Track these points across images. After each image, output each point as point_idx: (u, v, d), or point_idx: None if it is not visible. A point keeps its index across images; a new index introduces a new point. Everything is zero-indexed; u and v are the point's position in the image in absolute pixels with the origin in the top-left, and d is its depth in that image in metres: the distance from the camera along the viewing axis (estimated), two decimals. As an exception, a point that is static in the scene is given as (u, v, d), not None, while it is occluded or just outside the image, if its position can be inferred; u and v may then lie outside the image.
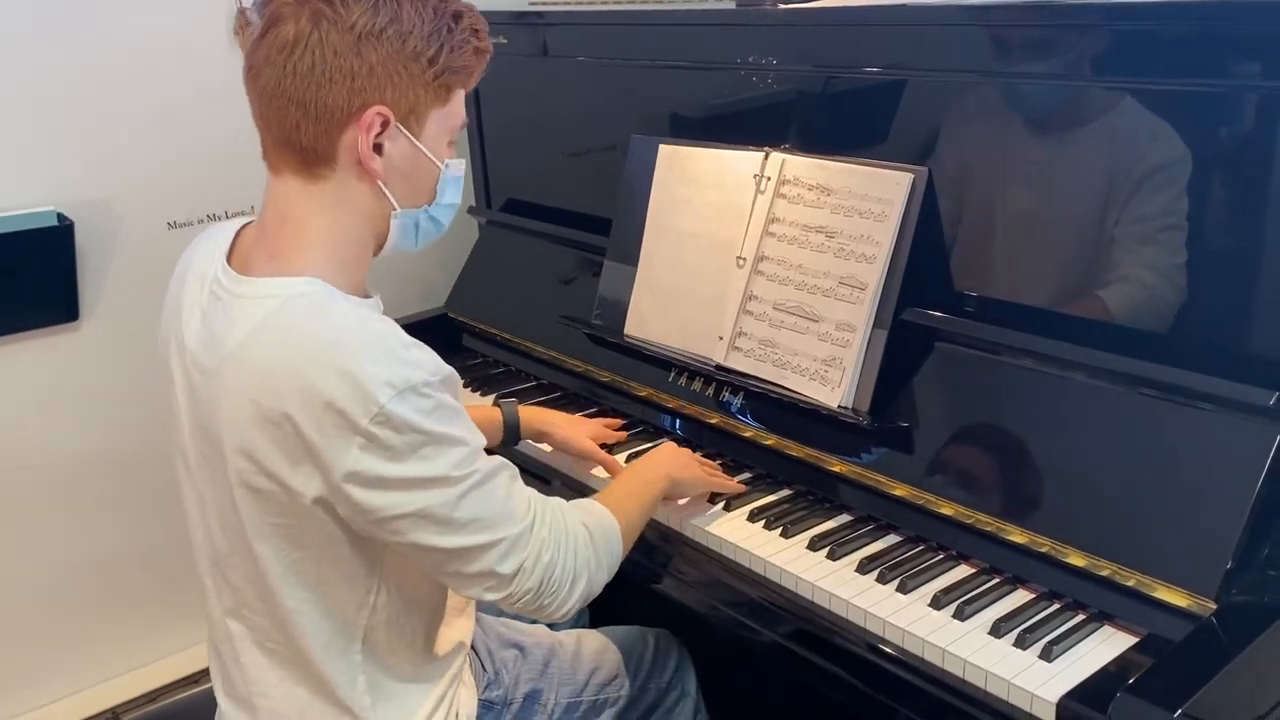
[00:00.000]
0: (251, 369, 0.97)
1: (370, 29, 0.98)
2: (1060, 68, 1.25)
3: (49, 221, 1.79)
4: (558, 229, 1.93)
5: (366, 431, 0.94)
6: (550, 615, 1.10)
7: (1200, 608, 1.05)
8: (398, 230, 1.08)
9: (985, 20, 1.32)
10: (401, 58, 1.00)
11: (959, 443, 1.30)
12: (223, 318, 1.02)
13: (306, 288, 1.00)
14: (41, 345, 1.87)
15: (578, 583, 1.10)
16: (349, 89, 0.98)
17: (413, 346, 0.99)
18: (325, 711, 1.10)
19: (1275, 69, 1.07)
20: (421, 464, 0.97)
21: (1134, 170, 1.19)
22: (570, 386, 1.79)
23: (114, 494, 2.00)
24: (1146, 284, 1.21)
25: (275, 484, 0.99)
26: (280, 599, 1.04)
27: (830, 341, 1.39)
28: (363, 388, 0.94)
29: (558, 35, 1.92)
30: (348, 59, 0.98)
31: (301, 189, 1.03)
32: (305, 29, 0.98)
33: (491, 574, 1.03)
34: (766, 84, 1.57)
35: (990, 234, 1.34)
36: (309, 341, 0.96)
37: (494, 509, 1.02)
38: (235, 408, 0.98)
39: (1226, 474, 1.09)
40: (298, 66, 0.98)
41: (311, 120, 0.99)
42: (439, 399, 0.98)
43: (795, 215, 1.46)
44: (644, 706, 1.41)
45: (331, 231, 1.03)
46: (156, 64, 1.89)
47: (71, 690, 2.05)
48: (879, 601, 1.19)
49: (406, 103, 1.02)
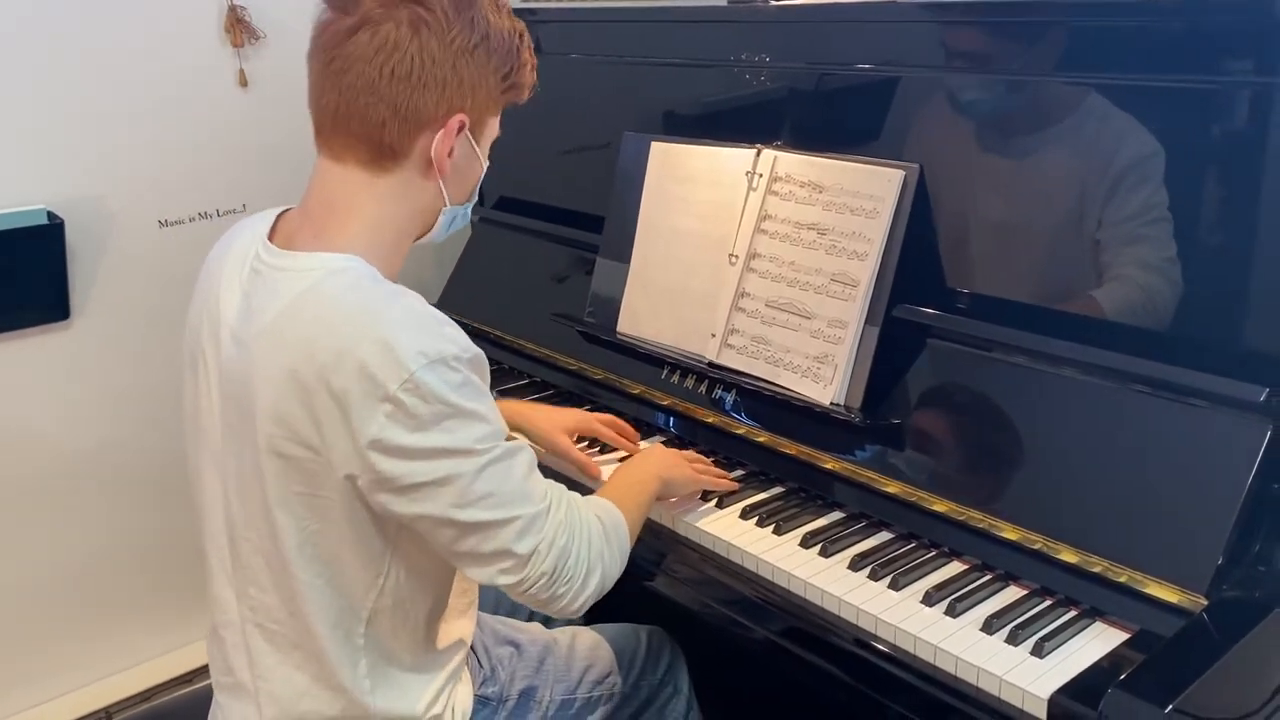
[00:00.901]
0: (291, 335, 1.01)
1: (466, 45, 1.05)
2: (1050, 63, 1.25)
3: (39, 220, 1.79)
4: (551, 226, 1.92)
5: (394, 398, 0.97)
6: (564, 608, 1.10)
7: (1192, 604, 1.06)
8: (441, 223, 1.14)
9: (977, 16, 1.32)
10: (486, 72, 1.08)
11: (951, 440, 1.30)
12: (264, 291, 1.06)
13: (348, 263, 1.04)
14: (32, 344, 1.86)
15: (592, 574, 1.11)
16: (440, 96, 1.05)
17: (447, 323, 1.03)
18: (322, 696, 1.11)
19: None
20: (445, 435, 0.99)
21: (1120, 167, 1.19)
22: (564, 384, 1.79)
23: (107, 493, 2.00)
24: (1138, 280, 1.21)
25: (305, 449, 1.01)
26: (294, 571, 1.06)
27: (822, 338, 1.39)
28: (395, 354, 0.97)
29: (550, 33, 1.92)
30: (444, 69, 1.04)
31: (364, 179, 1.07)
32: (405, 35, 1.02)
33: (507, 553, 1.04)
34: (759, 81, 1.57)
35: (982, 230, 1.34)
36: (346, 309, 1.00)
37: (512, 486, 1.04)
38: (271, 374, 1.01)
39: (1217, 470, 1.09)
40: (395, 70, 1.02)
41: (399, 120, 1.04)
42: (467, 375, 1.01)
43: (787, 212, 1.46)
44: (637, 703, 1.41)
45: (381, 220, 1.08)
46: (147, 62, 1.89)
47: (65, 690, 2.04)
48: (871, 598, 1.19)
49: (478, 111, 1.09)
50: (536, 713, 1.30)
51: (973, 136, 1.34)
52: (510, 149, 2.08)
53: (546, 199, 2.00)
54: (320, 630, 1.08)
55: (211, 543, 1.15)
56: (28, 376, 1.87)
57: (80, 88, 1.83)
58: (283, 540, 1.05)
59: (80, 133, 1.84)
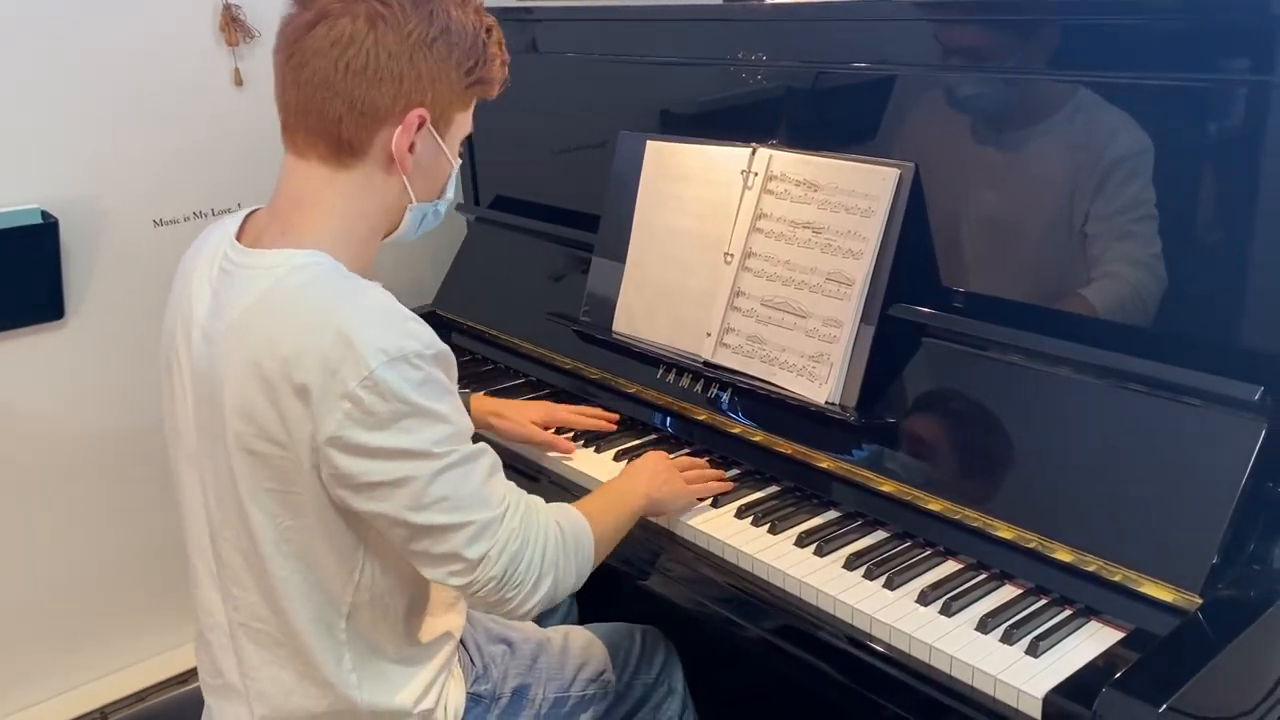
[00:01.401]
0: (254, 331, 1.01)
1: (424, 38, 1.04)
2: (1044, 63, 1.25)
3: (33, 219, 1.78)
4: (546, 226, 1.92)
5: (353, 395, 0.96)
6: (512, 611, 1.10)
7: (1186, 603, 1.05)
8: (409, 220, 1.13)
9: (971, 14, 1.32)
10: (447, 66, 1.06)
11: (946, 438, 1.30)
12: (232, 289, 1.05)
13: (312, 259, 1.04)
14: (26, 344, 1.86)
15: (543, 580, 1.10)
16: (397, 90, 1.04)
17: (410, 319, 1.02)
18: (310, 692, 1.11)
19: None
20: (403, 435, 0.99)
21: (1111, 162, 1.19)
22: (559, 384, 1.79)
23: (102, 493, 1.99)
24: (1132, 279, 1.21)
25: (273, 445, 1.01)
26: (270, 568, 1.06)
27: (817, 337, 1.39)
28: (356, 350, 0.96)
29: (546, 31, 1.92)
30: (400, 63, 1.03)
31: (326, 175, 1.07)
32: (362, 28, 1.02)
33: (457, 557, 1.04)
34: (754, 80, 1.56)
35: (977, 229, 1.34)
36: (310, 304, 1.00)
37: (467, 491, 1.03)
38: (237, 370, 1.01)
39: (1212, 469, 1.09)
40: (351, 63, 1.02)
41: (356, 115, 1.04)
42: (430, 373, 1.00)
43: (782, 211, 1.45)
44: (631, 702, 1.41)
45: (347, 216, 1.07)
46: (142, 61, 1.88)
47: (60, 690, 2.04)
48: (866, 597, 1.19)
49: (440, 106, 1.08)
50: (529, 711, 1.30)
51: (968, 135, 1.34)
52: (506, 148, 2.09)
53: (542, 198, 2.00)
54: (301, 626, 1.08)
55: (194, 545, 1.15)
56: (22, 376, 1.87)
57: (75, 86, 1.82)
58: (258, 537, 1.05)
59: (75, 132, 1.84)
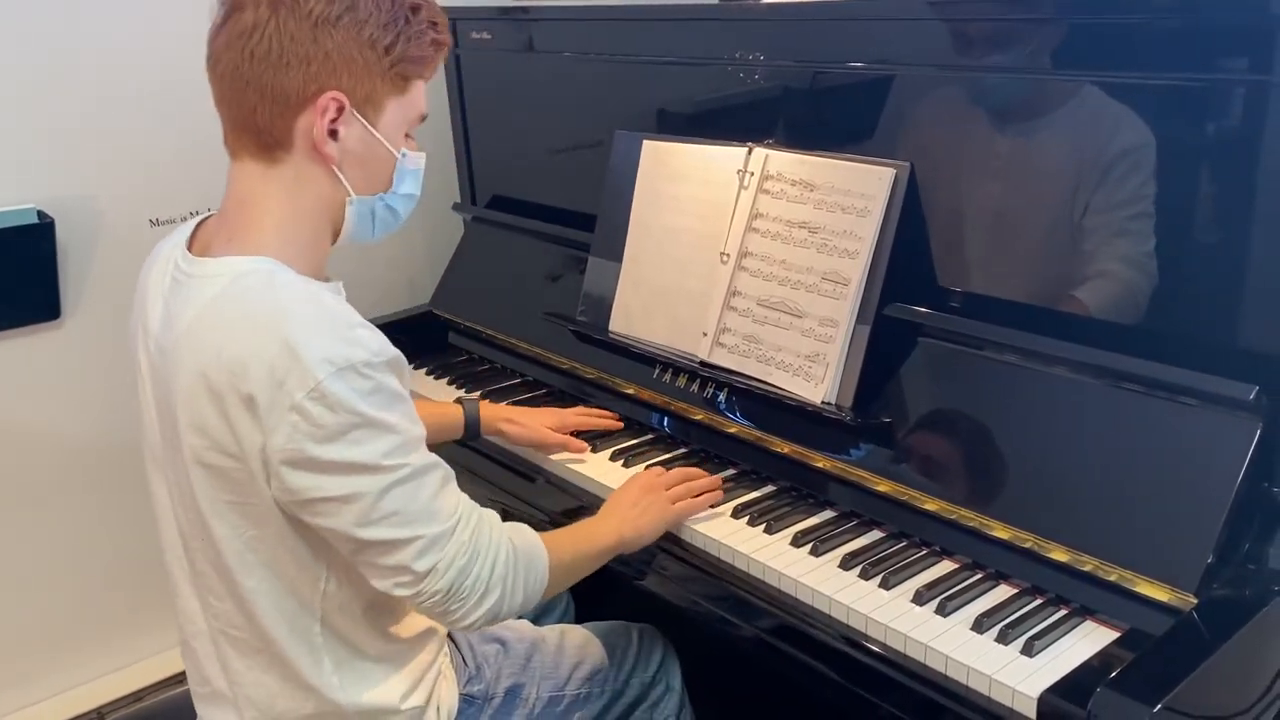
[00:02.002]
0: (201, 343, 1.00)
1: (326, 16, 1.01)
2: (1042, 62, 1.25)
3: (29, 219, 1.78)
4: (543, 225, 1.92)
5: (300, 406, 0.95)
6: (455, 623, 1.09)
7: (1181, 602, 1.05)
8: (354, 217, 1.10)
9: (970, 14, 1.32)
10: (357, 45, 1.03)
11: (942, 438, 1.30)
12: (179, 299, 1.04)
13: (257, 265, 1.02)
14: (22, 344, 1.86)
15: (488, 596, 1.08)
16: (305, 74, 1.01)
17: (359, 326, 1.00)
18: (294, 695, 1.10)
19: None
20: (352, 448, 0.97)
21: (1110, 159, 1.19)
22: (556, 383, 1.79)
23: (99, 493, 1.99)
24: (1127, 279, 1.21)
25: (227, 458, 1.00)
26: (239, 578, 1.05)
27: (813, 337, 1.39)
28: (302, 361, 0.95)
29: (543, 31, 1.92)
30: (304, 44, 1.01)
31: (260, 173, 1.05)
32: (264, 15, 1.01)
33: (405, 569, 1.03)
34: (751, 79, 1.56)
35: (973, 229, 1.34)
36: (255, 313, 0.98)
37: (417, 506, 1.02)
38: (187, 383, 1.00)
39: (1207, 469, 1.09)
40: (255, 51, 1.01)
41: (268, 103, 1.02)
42: (379, 381, 0.99)
43: (778, 211, 1.45)
44: (628, 701, 1.41)
45: (288, 215, 1.06)
46: (138, 60, 1.88)
47: (57, 690, 2.04)
48: (861, 597, 1.19)
49: (363, 90, 1.04)
50: (523, 710, 1.30)
51: (964, 135, 1.34)
52: (503, 147, 2.09)
53: (539, 197, 1.99)
54: (277, 635, 1.07)
55: (170, 554, 1.15)
56: (18, 376, 1.86)
57: (71, 86, 1.82)
58: (222, 549, 1.05)
59: (71, 131, 1.83)
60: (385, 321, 1.93)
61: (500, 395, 1.79)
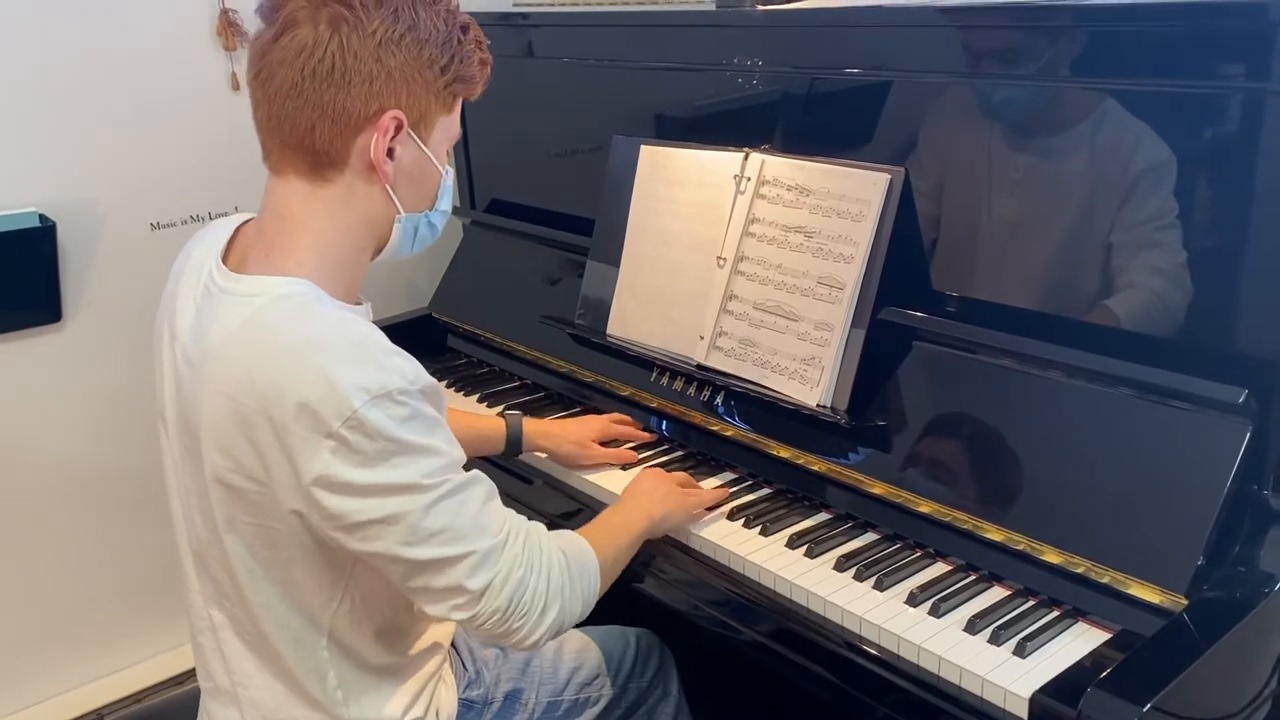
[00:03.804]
0: (232, 366, 0.98)
1: (390, 35, 1.00)
2: (1039, 69, 1.26)
3: (31, 223, 1.79)
4: (542, 229, 1.93)
5: (338, 434, 0.94)
6: (520, 642, 1.08)
7: (1172, 604, 1.06)
8: (400, 234, 1.09)
9: (966, 21, 1.33)
10: (418, 64, 1.02)
11: (936, 441, 1.31)
12: (211, 313, 1.03)
13: (294, 288, 1.00)
14: (23, 347, 1.87)
15: (549, 609, 1.07)
16: (367, 92, 1.00)
17: (394, 354, 0.99)
18: (298, 704, 1.10)
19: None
20: (392, 471, 0.96)
21: (1110, 170, 1.20)
22: (554, 387, 1.80)
23: (99, 496, 2.00)
24: (1121, 283, 1.22)
25: (251, 483, 0.99)
26: (248, 594, 1.05)
27: (809, 341, 1.40)
28: (337, 390, 0.93)
29: (542, 36, 1.93)
30: (367, 63, 1.00)
31: (306, 191, 1.04)
32: (325, 33, 0.99)
33: (460, 589, 1.01)
34: (749, 85, 1.57)
35: (968, 233, 1.35)
36: (289, 341, 0.97)
37: (464, 521, 1.01)
38: (214, 404, 0.99)
39: (1198, 471, 1.10)
40: (317, 69, 0.99)
41: (329, 122, 1.00)
42: (415, 408, 0.97)
43: (775, 215, 1.46)
44: (626, 706, 1.41)
45: (330, 234, 1.04)
46: (140, 65, 1.89)
47: (56, 691, 2.04)
48: (856, 599, 1.20)
49: (419, 109, 1.04)
50: (522, 715, 1.30)
51: (959, 140, 1.35)
52: (502, 152, 2.10)
53: (537, 201, 2.00)
54: (284, 650, 1.07)
55: (184, 550, 1.15)
56: (19, 379, 1.87)
57: (73, 90, 1.83)
58: (235, 564, 1.04)
59: (72, 135, 1.85)
60: (384, 325, 1.92)
61: (498, 399, 1.80)
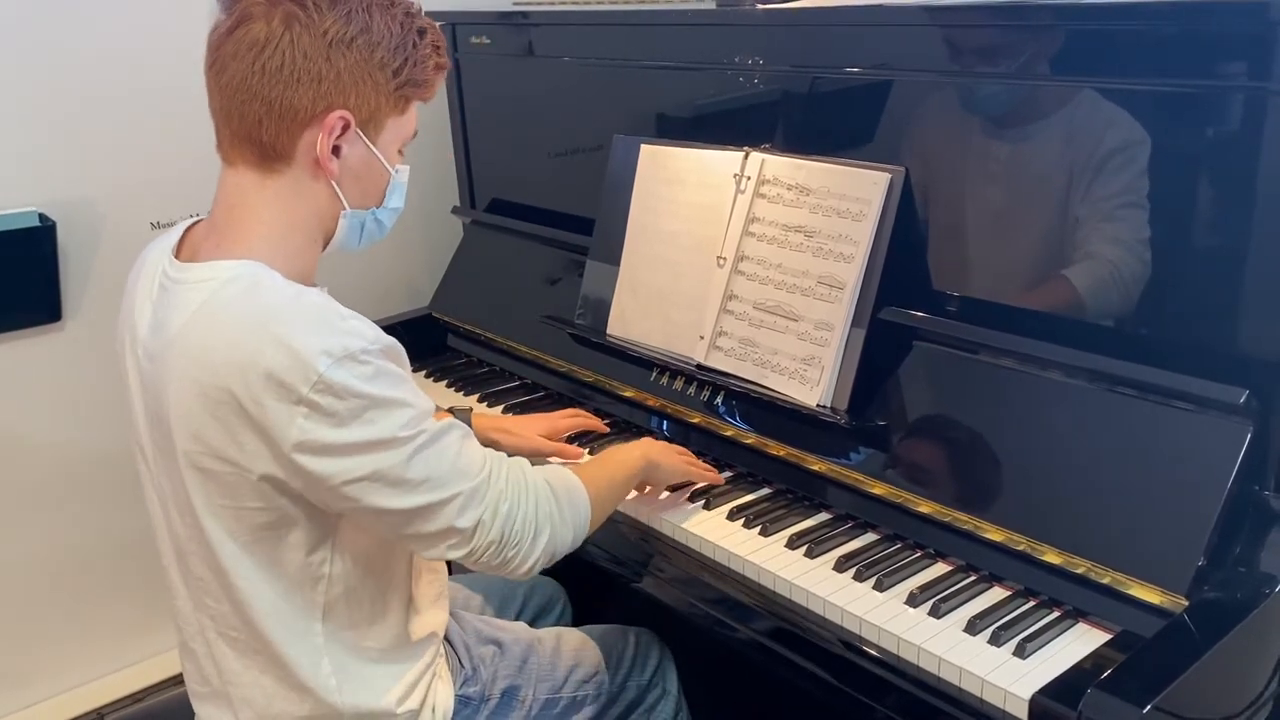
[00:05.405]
0: (193, 349, 1.00)
1: (342, 36, 1.02)
2: (1037, 68, 1.26)
3: (31, 222, 1.79)
4: (542, 229, 1.93)
5: (308, 400, 0.96)
6: (515, 570, 1.11)
7: (1173, 604, 1.06)
8: (345, 229, 1.11)
9: (966, 21, 1.33)
10: (369, 67, 1.04)
11: (936, 441, 1.31)
12: (167, 306, 1.05)
13: (243, 269, 1.02)
14: (24, 346, 1.87)
15: (540, 535, 1.11)
16: (315, 91, 1.02)
17: (351, 318, 1.01)
18: (291, 697, 1.11)
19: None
20: (367, 428, 0.98)
21: (1104, 168, 1.20)
22: (554, 386, 1.80)
23: (99, 495, 2.00)
24: (1121, 284, 1.21)
25: (223, 463, 1.01)
26: (234, 580, 1.06)
27: (809, 341, 1.40)
28: (300, 357, 0.96)
29: (542, 35, 1.93)
30: (317, 63, 1.01)
31: (256, 182, 1.06)
32: (277, 30, 1.00)
33: (452, 530, 1.05)
34: (750, 84, 1.57)
35: (968, 233, 1.35)
36: (245, 317, 0.99)
37: (445, 466, 1.04)
38: (180, 389, 1.00)
39: (1199, 472, 1.09)
40: (267, 65, 1.00)
41: (275, 118, 1.02)
42: (379, 365, 1.00)
43: (775, 215, 1.46)
44: (624, 704, 1.41)
45: (279, 224, 1.06)
46: (139, 63, 1.89)
47: (56, 691, 2.04)
48: (855, 599, 1.19)
49: (367, 109, 1.06)
50: (519, 712, 1.30)
51: (960, 139, 1.35)
52: (502, 151, 2.10)
53: (538, 201, 2.00)
54: (275, 636, 1.08)
55: (166, 558, 1.16)
56: (19, 379, 1.87)
57: (72, 89, 1.83)
58: (218, 551, 1.05)
59: (72, 134, 1.84)
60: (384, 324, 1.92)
61: (498, 398, 1.80)
